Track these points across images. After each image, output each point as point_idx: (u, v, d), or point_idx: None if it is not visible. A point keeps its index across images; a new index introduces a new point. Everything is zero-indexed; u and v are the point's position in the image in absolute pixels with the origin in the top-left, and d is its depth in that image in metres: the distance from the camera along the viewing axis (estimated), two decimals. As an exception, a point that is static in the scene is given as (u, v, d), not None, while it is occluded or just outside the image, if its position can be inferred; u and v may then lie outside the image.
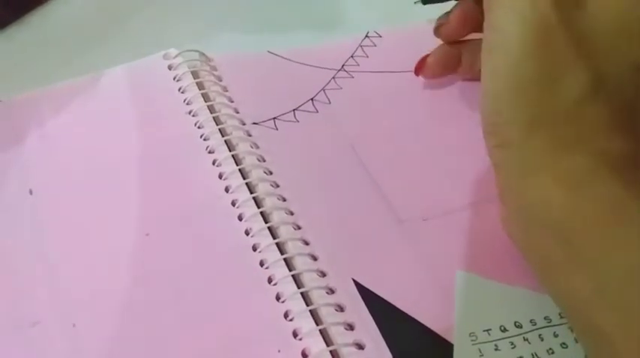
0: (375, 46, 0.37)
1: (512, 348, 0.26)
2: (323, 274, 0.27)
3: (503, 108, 0.24)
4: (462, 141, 0.32)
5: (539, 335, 0.26)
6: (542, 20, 0.24)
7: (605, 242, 0.22)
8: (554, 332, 0.26)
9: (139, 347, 0.25)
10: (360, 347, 0.25)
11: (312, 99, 0.34)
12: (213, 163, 0.30)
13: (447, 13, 0.33)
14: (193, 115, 0.32)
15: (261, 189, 0.29)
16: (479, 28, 0.28)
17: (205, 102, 0.32)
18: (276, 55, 0.36)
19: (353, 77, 0.36)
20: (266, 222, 0.28)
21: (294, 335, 0.25)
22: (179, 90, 0.33)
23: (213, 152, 0.31)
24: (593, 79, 0.24)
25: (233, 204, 0.29)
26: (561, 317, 0.27)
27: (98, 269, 0.27)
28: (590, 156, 0.23)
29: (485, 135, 0.25)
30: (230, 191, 0.29)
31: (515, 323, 0.27)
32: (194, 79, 0.33)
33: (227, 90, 0.33)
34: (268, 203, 0.29)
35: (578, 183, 0.23)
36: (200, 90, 0.33)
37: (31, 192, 0.29)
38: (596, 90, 0.24)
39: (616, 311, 0.21)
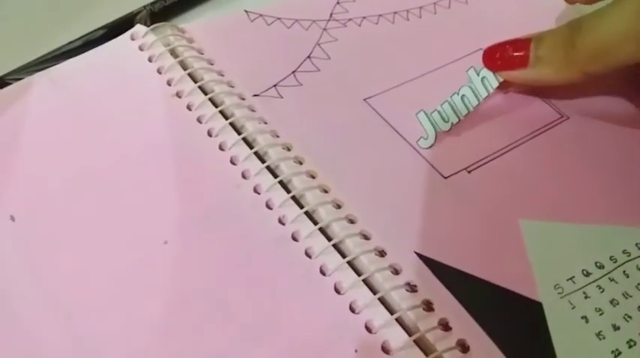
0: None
1: (602, 292, 0.23)
2: (382, 253, 0.23)
3: None
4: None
5: (623, 271, 0.24)
6: None
7: None
8: (637, 265, 0.24)
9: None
10: (446, 328, 0.22)
11: (309, 56, 0.30)
12: (220, 148, 0.26)
13: None
14: (180, 96, 0.28)
15: (285, 170, 0.25)
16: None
17: (194, 82, 0.28)
18: (254, 13, 0.32)
19: (346, 26, 0.32)
20: (300, 207, 0.24)
21: (368, 329, 0.22)
22: (158, 71, 0.28)
23: (217, 136, 0.26)
24: None
25: (256, 191, 0.25)
26: (639, 248, 0.24)
27: (115, 297, 0.23)
28: None
29: None
30: (248, 177, 0.25)
31: (595, 263, 0.24)
32: (173, 57, 0.28)
33: (212, 64, 0.29)
34: (297, 183, 0.25)
35: None
36: (182, 68, 0.28)
37: (12, 219, 0.25)
38: None
39: None
